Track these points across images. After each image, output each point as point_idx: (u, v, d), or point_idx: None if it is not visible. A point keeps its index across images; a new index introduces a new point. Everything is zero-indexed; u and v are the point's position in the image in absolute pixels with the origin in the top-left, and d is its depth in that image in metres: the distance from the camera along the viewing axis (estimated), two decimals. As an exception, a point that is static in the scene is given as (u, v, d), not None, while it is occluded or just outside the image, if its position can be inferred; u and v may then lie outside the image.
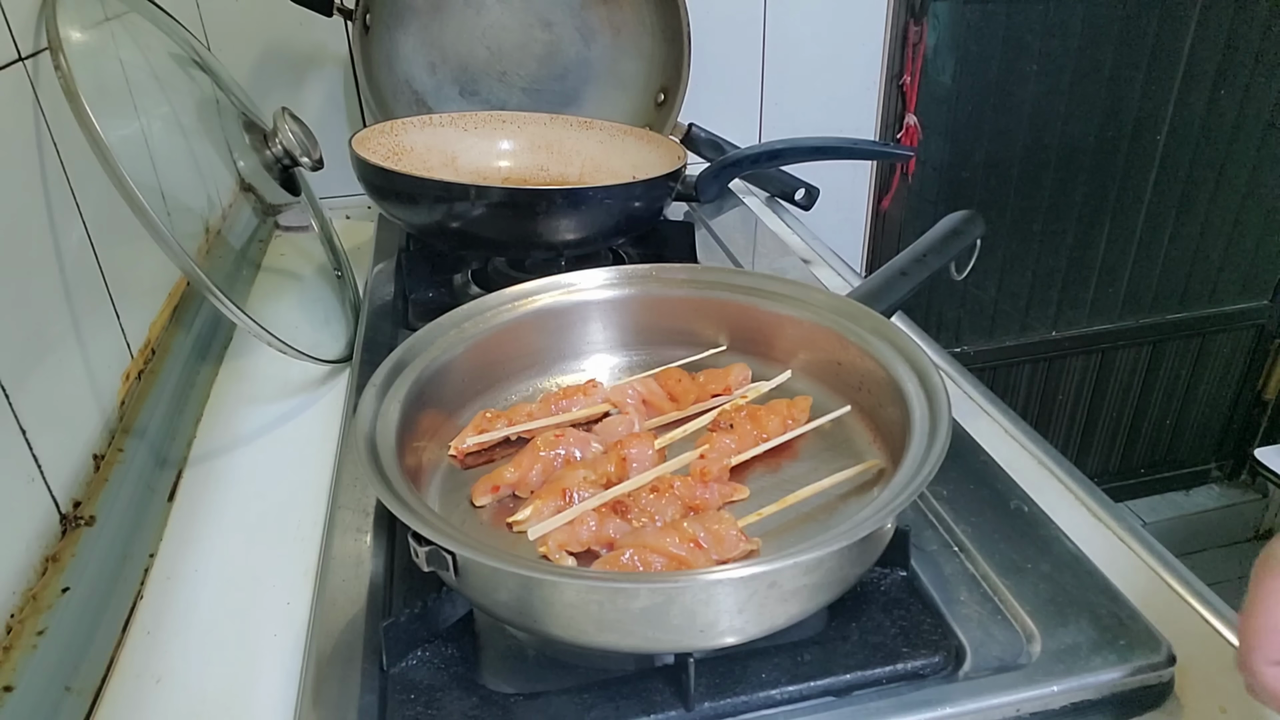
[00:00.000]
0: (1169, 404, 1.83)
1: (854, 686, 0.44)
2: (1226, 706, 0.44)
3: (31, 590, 0.48)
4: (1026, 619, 0.47)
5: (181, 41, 0.83)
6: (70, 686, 0.46)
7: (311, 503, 0.61)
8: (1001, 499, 0.56)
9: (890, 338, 0.56)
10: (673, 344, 0.66)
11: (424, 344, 0.58)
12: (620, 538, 0.48)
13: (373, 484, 0.44)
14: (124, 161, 0.57)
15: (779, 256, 0.97)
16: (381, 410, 0.51)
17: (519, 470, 0.53)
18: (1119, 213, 1.59)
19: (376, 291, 0.87)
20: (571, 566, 0.47)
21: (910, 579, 0.49)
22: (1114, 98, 1.47)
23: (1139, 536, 0.55)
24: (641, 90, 1.14)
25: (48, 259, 0.57)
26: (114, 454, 0.60)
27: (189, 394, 0.73)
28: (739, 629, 0.41)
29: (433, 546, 0.41)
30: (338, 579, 0.51)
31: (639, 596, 0.39)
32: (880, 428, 0.56)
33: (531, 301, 0.64)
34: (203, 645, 0.50)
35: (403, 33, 1.07)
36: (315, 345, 0.73)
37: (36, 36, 0.60)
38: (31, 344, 0.53)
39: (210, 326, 0.82)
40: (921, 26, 1.30)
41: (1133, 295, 1.69)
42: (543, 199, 0.77)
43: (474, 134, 0.98)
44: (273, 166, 0.81)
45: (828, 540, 0.40)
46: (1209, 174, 1.60)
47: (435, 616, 0.46)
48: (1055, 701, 0.43)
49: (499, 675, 0.46)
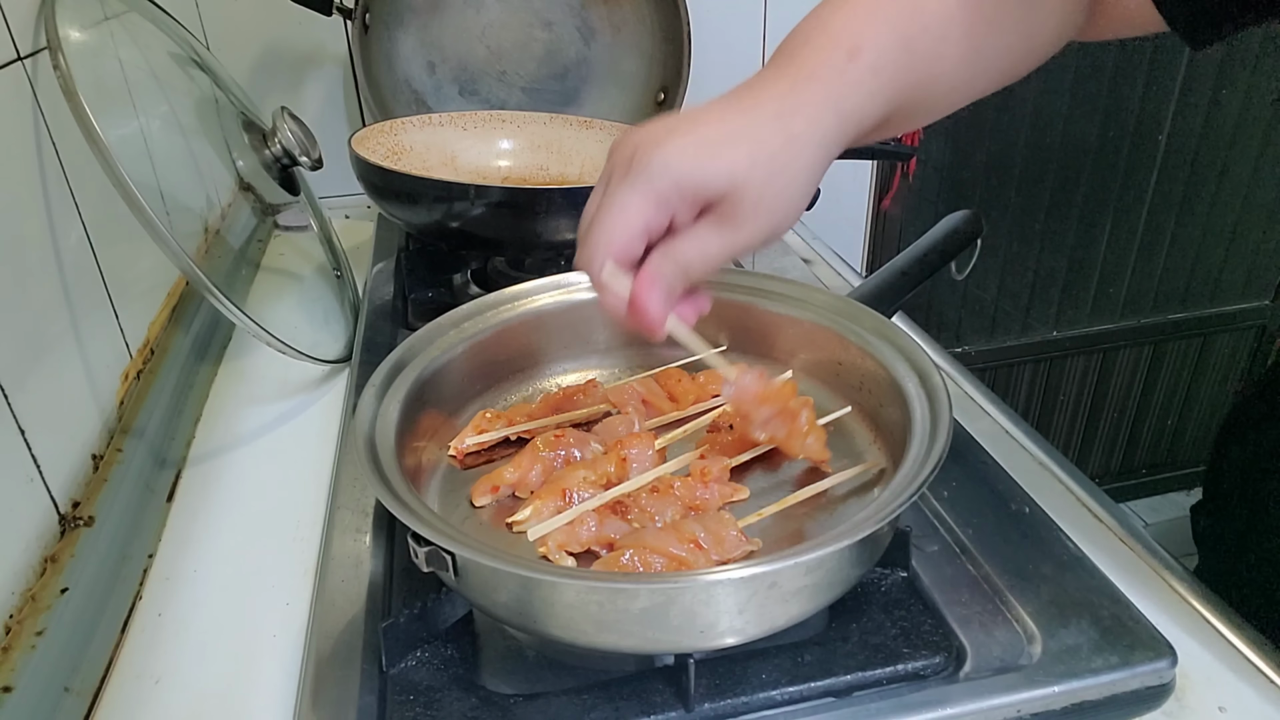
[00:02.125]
0: (1170, 404, 1.83)
1: (854, 687, 0.44)
2: (1226, 706, 0.44)
3: (30, 591, 0.48)
4: (1027, 619, 0.47)
5: (181, 41, 0.83)
6: (69, 687, 0.46)
7: (311, 503, 0.61)
8: (1002, 499, 0.56)
9: (891, 338, 0.56)
10: (672, 344, 0.66)
11: (424, 344, 0.58)
12: (620, 538, 0.48)
13: (372, 484, 0.44)
14: (123, 161, 0.57)
15: (779, 256, 0.97)
16: (381, 410, 0.51)
17: (519, 470, 0.53)
18: (1120, 212, 1.59)
19: (376, 291, 0.87)
20: (571, 567, 0.47)
21: (911, 579, 0.49)
22: (1115, 97, 1.47)
23: (1140, 537, 0.55)
24: (641, 90, 1.14)
25: (47, 259, 0.57)
26: (113, 454, 0.60)
27: (188, 394, 0.73)
28: (739, 630, 0.41)
29: (432, 547, 0.41)
30: (337, 579, 0.51)
31: (639, 597, 0.39)
32: (881, 428, 0.56)
33: (531, 301, 0.64)
34: (202, 645, 0.50)
35: (402, 32, 1.06)
36: (315, 345, 0.73)
37: (35, 36, 0.60)
38: (30, 344, 0.53)
39: (209, 326, 0.82)
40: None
41: (1134, 295, 1.68)
42: (543, 199, 0.77)
43: (473, 133, 0.98)
44: (272, 166, 0.81)
45: (828, 540, 0.40)
46: (1210, 174, 1.60)
47: (435, 617, 0.46)
48: (1056, 702, 0.43)
49: (499, 676, 0.46)
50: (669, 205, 0.39)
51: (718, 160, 0.38)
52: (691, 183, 0.38)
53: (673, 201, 0.39)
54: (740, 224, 0.39)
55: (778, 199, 0.39)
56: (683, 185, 0.38)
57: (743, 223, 0.39)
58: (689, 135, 0.39)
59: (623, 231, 0.39)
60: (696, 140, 0.39)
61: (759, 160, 0.39)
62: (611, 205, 0.39)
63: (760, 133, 0.39)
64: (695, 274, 0.41)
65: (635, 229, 0.39)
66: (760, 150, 0.39)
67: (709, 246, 0.40)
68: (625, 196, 0.39)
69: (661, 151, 0.38)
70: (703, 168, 0.38)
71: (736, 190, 0.39)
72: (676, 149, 0.38)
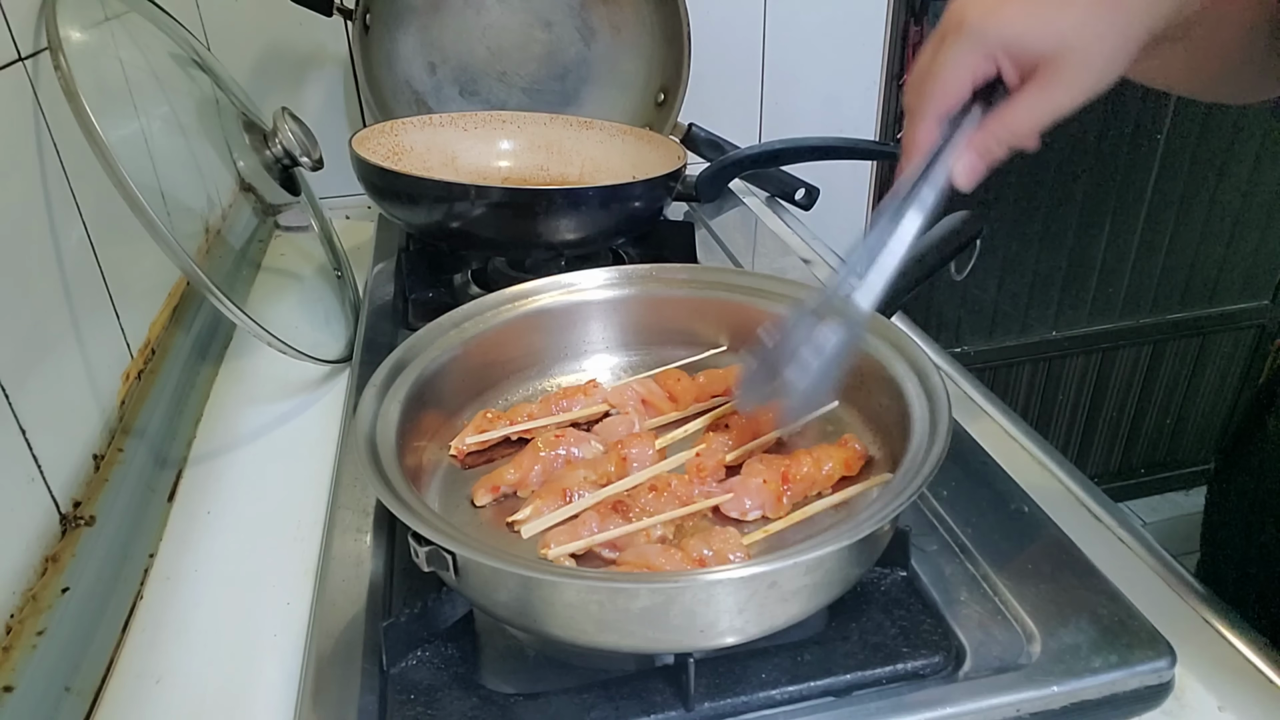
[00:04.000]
0: (1169, 404, 1.83)
1: (854, 687, 0.44)
2: (1226, 706, 0.44)
3: (31, 590, 0.48)
4: (1026, 619, 0.47)
5: (181, 41, 0.83)
6: (70, 687, 0.46)
7: (311, 503, 0.61)
8: (1001, 499, 0.56)
9: (890, 338, 0.56)
10: (673, 344, 0.66)
11: (424, 344, 0.58)
12: (624, 552, 0.48)
13: (373, 484, 0.44)
14: (124, 161, 0.57)
15: (779, 256, 0.97)
16: (381, 410, 0.51)
17: (519, 470, 0.53)
18: (1119, 212, 1.59)
19: (376, 291, 0.87)
20: (572, 567, 0.47)
21: (910, 579, 0.49)
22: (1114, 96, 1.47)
23: (1139, 536, 0.55)
24: (641, 90, 1.14)
25: (47, 259, 0.57)
26: (114, 454, 0.60)
27: (189, 394, 0.73)
28: (739, 629, 0.41)
29: (433, 546, 0.41)
30: (338, 579, 0.51)
31: (639, 597, 0.39)
32: (880, 428, 0.56)
33: (531, 301, 0.64)
34: (203, 645, 0.50)
35: (402, 32, 1.07)
36: (315, 345, 0.73)
37: (36, 36, 0.60)
38: (31, 344, 0.53)
39: (210, 326, 0.82)
40: (921, 26, 1.30)
41: (1133, 295, 1.68)
42: (543, 199, 0.77)
43: (474, 134, 0.98)
44: (272, 166, 0.81)
45: (828, 540, 0.40)
46: (1209, 174, 1.60)
47: (435, 616, 0.46)
48: (1055, 702, 0.43)
49: (499, 675, 0.46)
50: (997, 63, 0.42)
51: (1050, 25, 0.41)
52: (1022, 44, 0.41)
53: (1002, 60, 0.41)
54: (1066, 84, 0.42)
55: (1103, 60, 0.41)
56: (1012, 46, 0.41)
57: (1068, 83, 0.41)
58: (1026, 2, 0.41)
59: (955, 86, 0.43)
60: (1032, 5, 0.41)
61: (1088, 23, 0.41)
62: (947, 61, 0.42)
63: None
64: (1023, 136, 0.44)
65: (966, 84, 0.43)
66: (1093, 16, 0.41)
67: (1035, 109, 0.42)
68: (960, 54, 0.42)
69: (996, 14, 0.41)
70: (1036, 33, 0.41)
71: (1064, 53, 0.41)
72: (1011, 12, 0.41)
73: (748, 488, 0.51)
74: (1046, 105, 0.42)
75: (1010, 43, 0.41)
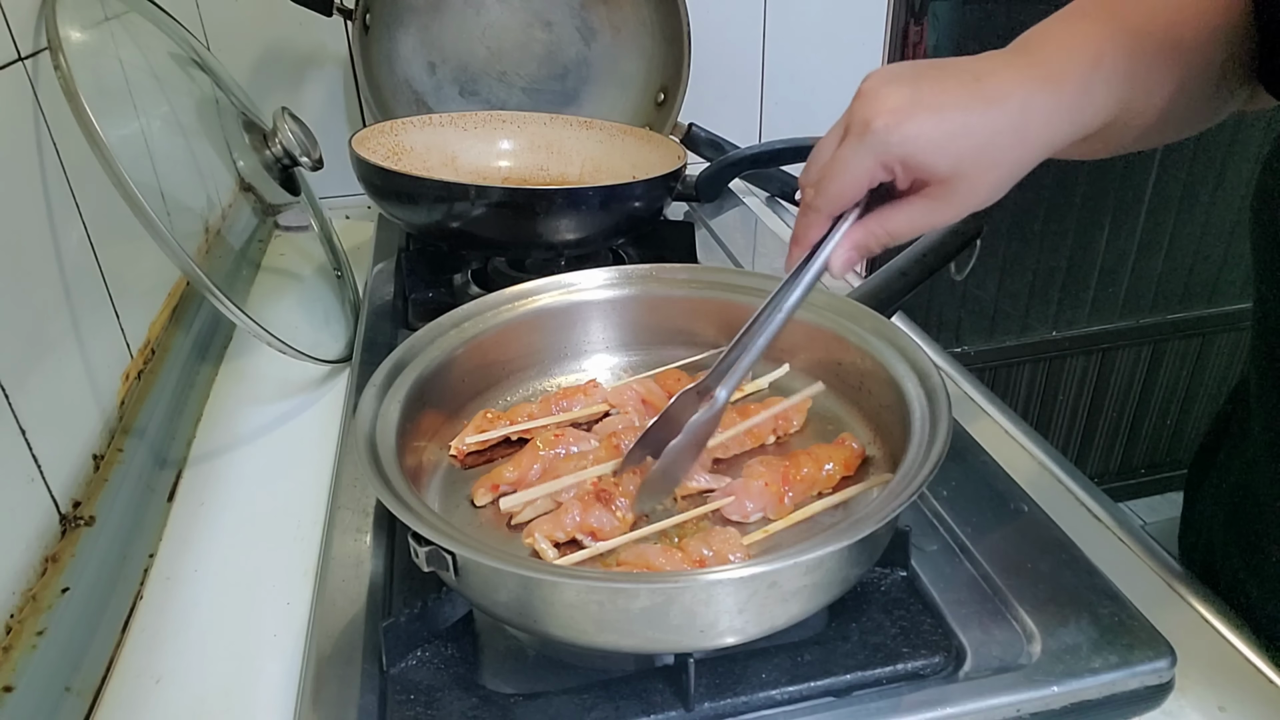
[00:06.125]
0: (1169, 404, 1.83)
1: (854, 687, 0.44)
2: (1226, 706, 0.44)
3: (31, 590, 0.48)
4: (1027, 619, 0.47)
5: (181, 41, 0.83)
6: (70, 687, 0.46)
7: (311, 503, 0.61)
8: (1002, 499, 0.56)
9: (890, 338, 0.56)
10: (673, 344, 0.66)
11: (424, 344, 0.58)
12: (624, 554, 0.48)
13: (373, 484, 0.44)
14: (124, 161, 0.57)
15: (779, 256, 0.97)
16: (381, 410, 0.51)
17: (519, 470, 0.53)
18: (1119, 212, 1.59)
19: (376, 291, 0.87)
20: (571, 567, 0.47)
21: (910, 579, 0.49)
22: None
23: (1139, 536, 0.55)
24: (641, 90, 1.14)
25: (47, 259, 0.57)
26: (114, 454, 0.60)
27: (189, 394, 0.73)
28: (739, 629, 0.41)
29: (433, 546, 0.41)
30: (338, 579, 0.51)
31: (639, 597, 0.39)
32: (880, 428, 0.56)
33: (531, 301, 0.64)
34: (203, 645, 0.50)
35: (402, 32, 1.07)
36: (315, 345, 0.73)
37: (36, 36, 0.60)
38: (31, 344, 0.53)
39: (210, 326, 0.82)
40: (921, 26, 1.30)
41: (1133, 295, 1.69)
42: (543, 199, 0.77)
43: (474, 134, 0.98)
44: (272, 166, 0.81)
45: (828, 540, 0.40)
46: (1209, 173, 1.60)
47: (435, 617, 0.46)
48: (1055, 702, 0.43)
49: (499, 675, 0.46)
50: (893, 173, 0.43)
51: (950, 149, 0.41)
52: (919, 161, 0.42)
53: (898, 170, 0.42)
54: (951, 203, 0.43)
55: (991, 187, 0.43)
56: (910, 161, 0.42)
57: (953, 203, 0.43)
58: (932, 116, 0.41)
59: (851, 190, 0.44)
60: (937, 123, 0.41)
61: (987, 153, 0.42)
62: (846, 164, 0.43)
63: (998, 127, 0.42)
64: (898, 239, 0.46)
65: (863, 188, 0.44)
66: (992, 145, 0.42)
67: (916, 219, 0.44)
68: (860, 159, 0.43)
69: (901, 128, 0.41)
70: (935, 154, 0.42)
71: (958, 177, 0.42)
72: (916, 128, 0.41)
73: (749, 490, 0.51)
74: (929, 218, 0.44)
75: (909, 158, 0.42)
